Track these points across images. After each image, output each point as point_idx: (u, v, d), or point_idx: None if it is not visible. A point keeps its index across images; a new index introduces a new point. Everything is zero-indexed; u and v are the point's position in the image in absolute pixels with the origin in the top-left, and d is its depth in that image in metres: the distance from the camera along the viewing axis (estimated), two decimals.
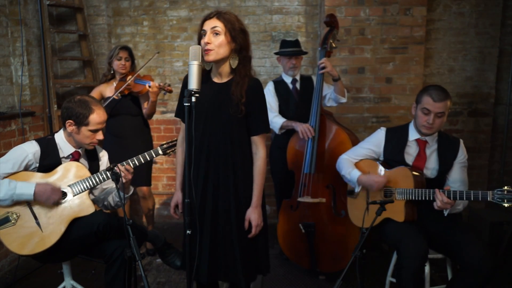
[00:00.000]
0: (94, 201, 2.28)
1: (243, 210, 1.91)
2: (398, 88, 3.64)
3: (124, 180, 2.07)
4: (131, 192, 2.26)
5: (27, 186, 1.99)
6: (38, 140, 2.12)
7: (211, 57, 1.77)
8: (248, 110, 1.85)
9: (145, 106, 3.11)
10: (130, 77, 3.05)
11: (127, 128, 3.14)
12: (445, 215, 2.12)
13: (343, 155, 2.46)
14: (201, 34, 1.82)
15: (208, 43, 1.76)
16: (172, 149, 2.33)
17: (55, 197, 2.01)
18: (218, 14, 1.81)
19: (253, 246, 1.93)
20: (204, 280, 1.90)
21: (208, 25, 1.79)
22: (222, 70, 1.86)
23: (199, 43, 1.82)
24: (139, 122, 3.19)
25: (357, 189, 2.38)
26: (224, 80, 1.88)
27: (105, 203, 2.29)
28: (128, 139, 3.12)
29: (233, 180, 1.89)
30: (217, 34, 1.77)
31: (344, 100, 3.00)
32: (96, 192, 2.28)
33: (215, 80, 1.90)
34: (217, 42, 1.77)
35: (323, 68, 2.80)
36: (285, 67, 3.08)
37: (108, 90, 3.13)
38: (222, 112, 1.85)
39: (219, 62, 1.83)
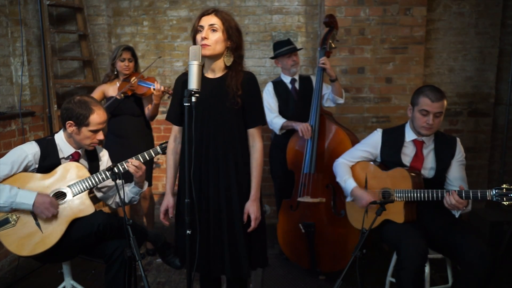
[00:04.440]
0: (102, 199, 2.28)
1: (242, 203, 1.91)
2: (398, 88, 3.64)
3: (136, 176, 2.15)
4: (145, 187, 2.29)
5: (27, 196, 1.98)
6: (38, 141, 2.12)
7: (207, 52, 1.78)
8: (244, 102, 1.87)
9: (149, 108, 3.11)
10: (134, 78, 3.05)
11: (129, 129, 3.13)
12: (457, 216, 2.13)
13: (340, 158, 2.46)
14: (197, 29, 1.83)
15: (206, 38, 1.78)
16: None
17: (52, 211, 2.00)
18: (216, 11, 1.83)
19: (247, 239, 1.93)
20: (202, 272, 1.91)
21: (206, 21, 1.81)
22: (216, 66, 1.88)
23: (193, 38, 1.84)
24: (141, 123, 3.18)
25: (349, 199, 2.39)
26: (218, 75, 1.89)
27: (117, 200, 2.28)
28: (130, 139, 3.11)
29: (235, 174, 1.89)
30: (214, 30, 1.80)
31: (341, 101, 3.01)
32: (103, 190, 2.28)
33: (209, 75, 1.90)
34: (214, 38, 1.79)
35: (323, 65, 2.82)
36: (287, 66, 3.07)
37: (111, 90, 3.12)
38: (219, 106, 1.86)
39: (213, 58, 1.85)
